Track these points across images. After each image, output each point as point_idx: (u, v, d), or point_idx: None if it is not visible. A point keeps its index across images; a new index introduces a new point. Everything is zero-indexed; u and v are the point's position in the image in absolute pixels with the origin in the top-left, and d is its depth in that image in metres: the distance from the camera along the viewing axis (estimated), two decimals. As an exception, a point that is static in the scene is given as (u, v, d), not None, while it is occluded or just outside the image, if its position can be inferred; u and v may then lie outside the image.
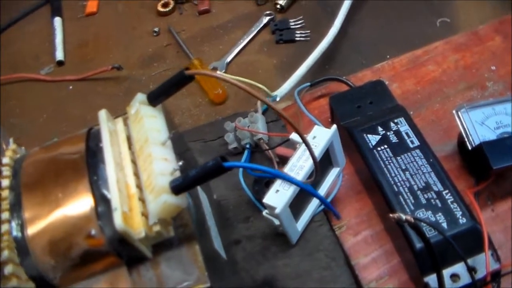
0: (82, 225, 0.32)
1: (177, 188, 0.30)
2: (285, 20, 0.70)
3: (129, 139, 0.36)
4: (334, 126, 0.48)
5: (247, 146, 0.53)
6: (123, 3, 0.81)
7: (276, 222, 0.45)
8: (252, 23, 0.71)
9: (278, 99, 0.57)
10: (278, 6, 0.71)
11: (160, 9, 0.77)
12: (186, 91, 0.67)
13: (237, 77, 0.62)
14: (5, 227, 0.33)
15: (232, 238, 0.49)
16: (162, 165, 0.32)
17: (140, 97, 0.36)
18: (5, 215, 0.33)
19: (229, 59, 0.68)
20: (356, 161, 0.53)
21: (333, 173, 0.50)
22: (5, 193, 0.34)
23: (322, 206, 0.49)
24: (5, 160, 0.36)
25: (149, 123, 0.34)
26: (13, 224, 0.33)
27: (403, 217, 0.38)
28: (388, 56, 0.64)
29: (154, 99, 0.36)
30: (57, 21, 0.80)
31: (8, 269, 0.31)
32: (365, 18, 0.69)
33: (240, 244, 0.49)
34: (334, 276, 0.46)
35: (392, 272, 0.48)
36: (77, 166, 0.34)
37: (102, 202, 0.32)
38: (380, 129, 0.52)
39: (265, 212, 0.46)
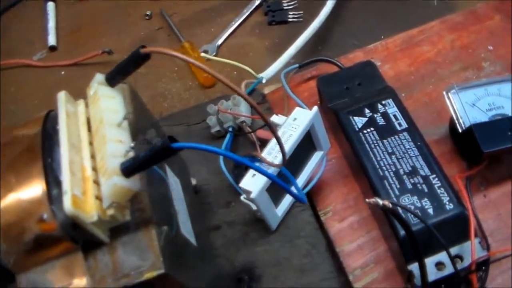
0: (34, 209, 0.31)
1: (127, 170, 0.29)
2: (277, 1, 0.68)
3: (88, 121, 0.34)
4: (315, 108, 0.46)
5: (230, 129, 0.51)
6: (117, -13, 0.80)
7: (254, 207, 0.44)
8: (244, 5, 0.70)
9: (264, 81, 0.55)
10: (271, -13, 0.69)
11: (153, -8, 0.75)
12: (177, 75, 0.66)
13: (227, 60, 0.61)
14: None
15: (212, 224, 0.48)
16: (115, 146, 0.31)
17: (99, 77, 0.35)
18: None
19: (220, 41, 0.67)
20: (343, 145, 0.52)
21: (316, 157, 0.48)
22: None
23: (305, 190, 0.47)
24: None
25: (105, 103, 0.33)
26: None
27: (380, 202, 0.37)
28: (382, 37, 0.62)
29: (112, 79, 0.34)
30: (50, 6, 0.79)
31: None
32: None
33: (220, 230, 0.47)
34: (314, 264, 0.44)
35: (378, 260, 0.46)
36: (32, 149, 0.33)
37: (55, 185, 0.31)
38: (367, 111, 0.50)
39: (242, 197, 0.45)
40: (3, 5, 0.82)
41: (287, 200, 0.47)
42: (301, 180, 0.47)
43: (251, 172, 0.43)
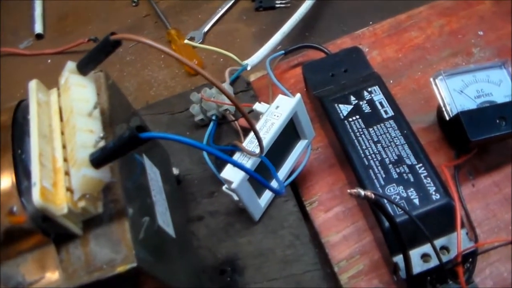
0: (3, 201, 0.30)
1: (96, 161, 0.28)
2: (265, -14, 0.67)
3: (60, 110, 0.34)
4: (298, 95, 0.45)
5: (213, 117, 0.51)
6: (103, -26, 0.79)
7: (236, 197, 0.43)
8: (232, -10, 0.69)
9: (249, 68, 0.55)
10: (260, -27, 0.68)
11: (139, -22, 0.74)
12: (164, 63, 0.65)
13: (213, 48, 0.60)
14: None
15: (194, 214, 0.47)
16: (85, 137, 0.30)
17: (70, 65, 0.34)
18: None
19: (206, 28, 0.66)
20: (329, 133, 0.51)
21: (300, 146, 0.48)
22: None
23: (289, 180, 0.47)
24: None
25: (76, 92, 0.32)
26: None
27: (362, 193, 0.36)
28: (371, 23, 0.60)
29: (83, 68, 0.33)
30: (36, -8, 0.78)
31: None
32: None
33: (203, 221, 0.47)
34: (297, 255, 0.44)
35: (363, 251, 0.46)
36: (2, 140, 0.32)
37: (25, 177, 0.30)
38: (352, 98, 0.49)
39: (224, 187, 0.44)
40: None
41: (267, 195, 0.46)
42: (284, 169, 0.46)
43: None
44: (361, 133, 0.47)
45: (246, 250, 0.45)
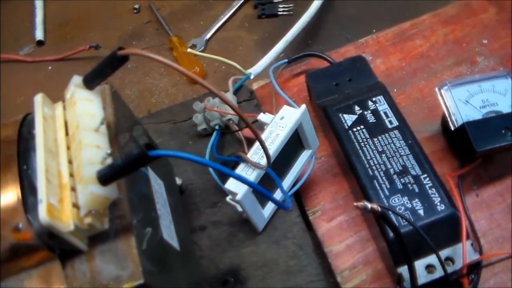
0: (9, 218, 0.30)
1: (103, 178, 0.28)
2: (268, -7, 0.67)
3: (66, 124, 0.33)
4: (303, 106, 0.45)
5: (216, 127, 0.50)
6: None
7: (240, 208, 0.43)
8: (234, -2, 0.68)
9: (252, 77, 0.54)
10: (261, -21, 0.68)
11: (141, -16, 0.74)
12: (165, 71, 0.65)
13: (216, 56, 0.60)
14: None
15: (197, 224, 0.47)
16: (92, 153, 0.30)
17: (76, 79, 0.33)
18: None
19: (208, 35, 0.66)
20: (332, 142, 0.51)
21: (304, 156, 0.47)
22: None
23: (293, 190, 0.46)
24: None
25: (82, 107, 0.31)
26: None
27: (369, 205, 0.36)
28: (374, 31, 0.60)
29: (89, 82, 0.33)
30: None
31: None
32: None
33: (206, 231, 0.47)
34: (301, 266, 0.44)
35: (366, 261, 0.46)
36: (7, 154, 0.31)
37: (31, 193, 0.30)
38: (357, 108, 0.49)
39: (228, 198, 0.44)
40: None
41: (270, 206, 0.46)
42: (288, 179, 0.46)
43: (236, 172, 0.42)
44: (366, 143, 0.47)
45: (249, 260, 0.44)
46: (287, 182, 0.46)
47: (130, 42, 0.69)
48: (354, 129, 0.48)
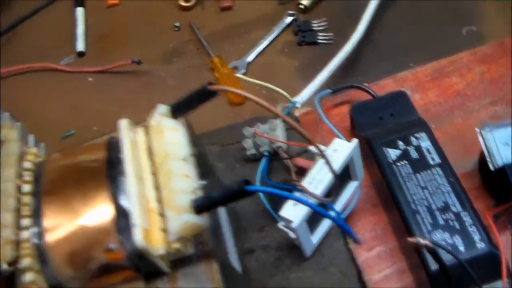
0: (101, 238, 0.32)
1: (199, 208, 0.30)
2: (308, 21, 0.69)
3: (149, 149, 0.35)
4: (356, 141, 0.47)
5: (266, 153, 0.52)
6: (145, -5, 0.81)
7: (292, 235, 0.45)
8: (274, 23, 0.71)
9: (298, 105, 0.56)
10: (301, 6, 0.70)
11: (182, 3, 0.76)
12: (205, 90, 0.67)
13: (260, 82, 0.62)
14: (25, 234, 0.33)
15: (245, 247, 0.49)
16: (183, 182, 0.32)
17: (162, 108, 0.36)
18: (26, 221, 0.33)
19: (249, 59, 0.68)
20: (374, 174, 0.53)
21: (351, 187, 0.50)
22: (27, 198, 0.34)
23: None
24: (27, 164, 0.36)
25: (169, 136, 0.33)
26: (33, 231, 0.33)
27: (422, 242, 0.38)
28: (411, 65, 0.63)
29: (176, 112, 0.35)
30: (79, 11, 0.79)
31: (28, 277, 0.31)
32: (390, 24, 0.67)
33: (254, 254, 0.48)
34: (345, 293, 0.46)
35: (404, 291, 0.48)
36: (97, 177, 0.33)
37: (122, 215, 0.32)
38: (400, 143, 0.51)
39: (280, 224, 0.46)
40: (31, 7, 0.82)
41: (323, 228, 0.48)
42: (336, 209, 0.48)
43: (292, 200, 0.44)
44: (409, 178, 0.49)
45: (296, 285, 0.46)
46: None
47: (171, 59, 0.71)
48: (398, 164, 0.50)
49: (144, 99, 0.68)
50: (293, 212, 0.43)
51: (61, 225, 0.33)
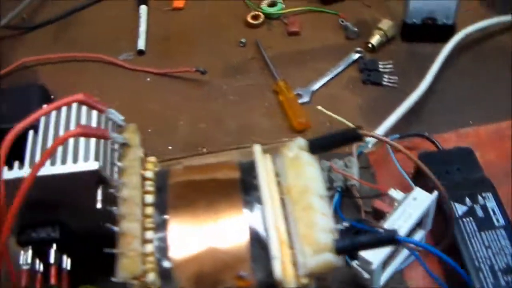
0: (234, 264, 0.32)
1: (341, 249, 0.31)
2: (374, 61, 0.71)
3: (277, 176, 0.36)
4: (436, 193, 0.49)
5: (338, 189, 0.54)
6: (211, 4, 0.81)
7: (366, 275, 0.46)
8: (340, 56, 0.72)
9: (370, 146, 0.58)
10: (370, 46, 0.72)
11: (250, 20, 0.77)
12: (267, 111, 0.68)
13: (333, 114, 0.62)
14: (149, 247, 0.33)
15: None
16: (323, 220, 0.32)
17: (301, 141, 0.36)
18: (149, 234, 0.33)
19: (315, 88, 0.69)
20: (436, 225, 0.54)
21: (418, 235, 0.51)
22: (149, 210, 0.34)
23: (406, 263, 0.50)
24: (148, 174, 0.36)
25: (309, 171, 0.34)
26: (159, 245, 0.33)
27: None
28: (471, 122, 0.65)
29: (315, 148, 0.36)
30: (143, 9, 0.79)
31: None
32: (453, 77, 0.69)
33: None
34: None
35: None
36: (232, 200, 0.34)
37: (256, 243, 0.33)
38: (467, 200, 0.53)
39: (355, 263, 0.47)
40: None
41: (391, 269, 0.49)
42: (402, 256, 0.50)
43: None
44: (474, 235, 0.51)
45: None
46: (400, 258, 0.50)
47: (234, 74, 0.72)
48: (464, 220, 0.52)
49: (202, 109, 0.69)
50: (373, 253, 0.44)
51: (189, 244, 0.33)
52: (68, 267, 0.47)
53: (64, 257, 0.47)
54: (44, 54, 0.77)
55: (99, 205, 0.43)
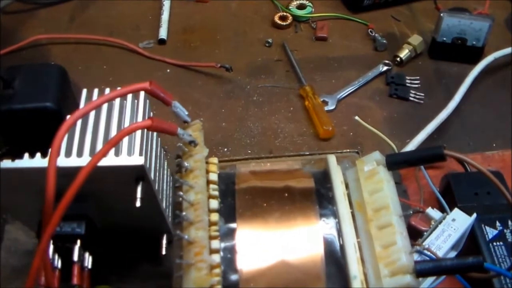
0: (307, 281, 0.31)
1: (422, 272, 0.30)
2: (402, 75, 0.70)
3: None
4: (475, 215, 0.49)
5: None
6: (237, 2, 0.79)
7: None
8: (367, 67, 0.71)
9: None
10: (398, 59, 0.71)
11: (277, 21, 0.75)
12: (292, 116, 0.66)
13: (370, 126, 0.61)
14: (216, 258, 0.31)
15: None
16: (402, 240, 0.31)
17: (377, 156, 0.35)
18: (215, 243, 0.31)
19: (341, 96, 0.68)
20: (467, 247, 0.54)
21: (450, 256, 0.51)
22: (214, 217, 0.32)
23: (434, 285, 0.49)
24: (212, 176, 0.34)
25: (387, 189, 0.33)
26: (225, 256, 0.31)
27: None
28: (494, 145, 0.65)
29: (393, 164, 0.35)
30: (167, -3, 0.77)
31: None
32: (477, 100, 0.69)
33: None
34: None
35: None
36: (307, 212, 0.33)
37: (331, 260, 0.31)
38: (498, 224, 0.53)
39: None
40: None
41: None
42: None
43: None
44: (504, 260, 0.51)
45: None
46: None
47: (259, 74, 0.70)
48: (494, 243, 0.52)
49: (223, 107, 0.67)
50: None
51: (259, 256, 0.31)
52: (90, 266, 0.44)
53: (86, 255, 0.45)
54: (57, 32, 0.74)
55: (138, 203, 0.40)
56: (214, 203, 0.33)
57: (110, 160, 0.41)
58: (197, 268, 0.29)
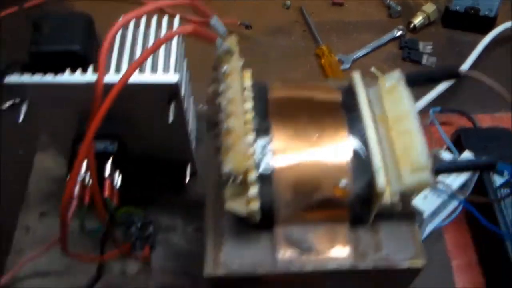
0: (334, 173, 0.33)
1: (441, 169, 0.32)
2: (415, 40, 0.72)
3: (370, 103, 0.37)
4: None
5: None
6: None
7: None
8: (381, 31, 0.73)
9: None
10: (412, 26, 0.73)
11: (296, -15, 0.77)
12: (308, 73, 0.68)
13: None
14: (251, 150, 0.33)
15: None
16: (422, 142, 0.33)
17: (398, 74, 0.37)
18: (250, 137, 0.33)
19: (355, 56, 0.70)
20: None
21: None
22: (249, 115, 0.35)
23: (447, 221, 0.51)
24: (247, 82, 0.37)
25: (407, 102, 0.35)
26: (259, 150, 0.33)
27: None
28: (503, 109, 0.67)
29: (412, 81, 0.37)
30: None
31: (253, 192, 0.32)
32: (488, 68, 0.71)
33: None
34: None
35: None
36: (335, 116, 0.35)
37: (357, 157, 0.33)
38: (506, 172, 0.55)
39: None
40: None
41: (432, 225, 0.51)
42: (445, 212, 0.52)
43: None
44: (510, 205, 0.53)
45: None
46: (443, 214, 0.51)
47: (276, 34, 0.73)
48: (502, 190, 0.54)
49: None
50: (424, 203, 0.46)
51: (291, 151, 0.34)
52: (119, 184, 0.47)
53: (116, 174, 0.47)
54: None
55: (171, 118, 0.42)
56: (249, 104, 0.35)
57: (146, 77, 0.43)
58: (235, 151, 0.31)
